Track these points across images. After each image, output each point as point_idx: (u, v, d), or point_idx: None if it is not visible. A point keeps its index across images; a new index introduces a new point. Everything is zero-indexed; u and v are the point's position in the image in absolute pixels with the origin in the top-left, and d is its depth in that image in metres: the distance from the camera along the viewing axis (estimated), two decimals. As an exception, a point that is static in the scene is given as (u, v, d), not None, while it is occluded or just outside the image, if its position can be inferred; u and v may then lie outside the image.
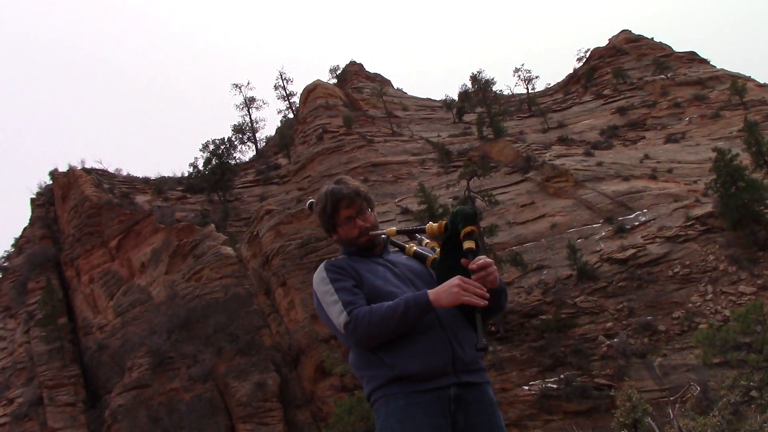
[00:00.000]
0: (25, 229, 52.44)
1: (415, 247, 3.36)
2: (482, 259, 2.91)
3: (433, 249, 3.37)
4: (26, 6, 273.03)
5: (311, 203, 3.53)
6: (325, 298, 3.00)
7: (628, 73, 66.74)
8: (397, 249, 3.43)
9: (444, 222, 3.16)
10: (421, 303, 2.84)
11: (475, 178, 39.17)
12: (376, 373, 2.95)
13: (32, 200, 54.77)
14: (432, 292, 2.85)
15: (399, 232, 3.32)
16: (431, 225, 3.22)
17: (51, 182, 54.60)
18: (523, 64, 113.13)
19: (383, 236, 3.29)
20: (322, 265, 3.15)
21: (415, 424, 2.84)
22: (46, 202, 53.84)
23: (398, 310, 2.82)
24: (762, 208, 30.99)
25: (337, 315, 2.91)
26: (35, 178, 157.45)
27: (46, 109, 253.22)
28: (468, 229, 2.99)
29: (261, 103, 77.21)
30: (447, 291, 2.83)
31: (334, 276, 3.05)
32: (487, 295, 2.84)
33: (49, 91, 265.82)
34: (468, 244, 2.97)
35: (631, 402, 11.13)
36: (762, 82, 60.47)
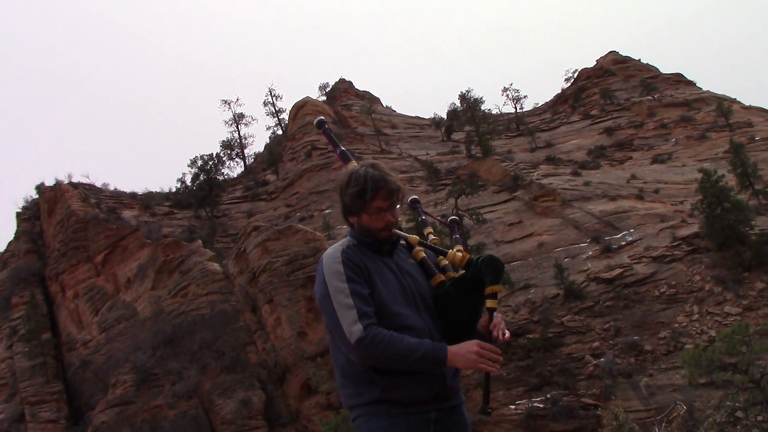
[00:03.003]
0: (10, 243, 51.97)
1: (423, 254, 3.28)
2: (500, 322, 2.96)
3: (435, 245, 3.35)
4: (12, 19, 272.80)
5: (321, 121, 3.51)
6: (337, 296, 2.91)
7: (615, 93, 67.32)
8: (404, 243, 3.33)
9: (468, 257, 3.14)
10: (438, 360, 2.85)
11: (463, 196, 39.33)
12: (362, 390, 2.96)
13: (18, 214, 54.34)
14: (450, 353, 2.85)
15: (421, 244, 3.28)
16: (454, 254, 3.20)
17: (37, 196, 54.22)
18: (511, 84, 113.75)
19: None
20: (337, 252, 3.04)
21: None
22: (31, 217, 53.42)
23: (415, 355, 2.81)
24: (747, 229, 31.18)
25: (351, 323, 2.85)
26: (21, 192, 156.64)
27: (33, 123, 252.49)
28: (496, 288, 2.99)
29: (250, 120, 77.55)
30: (465, 356, 2.84)
31: (351, 274, 2.95)
32: (501, 359, 2.88)
33: (37, 104, 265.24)
34: (491, 304, 2.98)
35: (618, 421, 11.15)
36: (747, 104, 61.09)
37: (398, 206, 3.15)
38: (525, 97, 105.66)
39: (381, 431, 2.90)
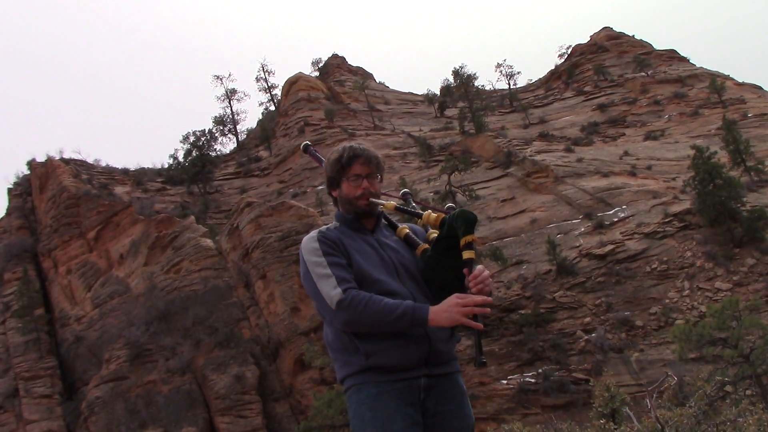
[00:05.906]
0: (1, 219, 51.78)
1: (407, 230, 3.31)
2: (481, 272, 2.92)
3: (410, 209, 3.38)
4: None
5: (306, 145, 3.60)
6: (315, 269, 2.98)
7: (608, 70, 67.11)
8: (387, 224, 3.38)
9: (442, 216, 3.15)
10: (419, 318, 2.84)
11: (456, 172, 39.35)
12: (350, 359, 2.98)
13: (9, 190, 54.07)
14: (432, 311, 2.84)
15: (397, 209, 3.29)
16: (429, 214, 3.23)
17: (28, 172, 53.93)
18: (505, 60, 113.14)
19: (379, 209, 3.27)
20: (314, 233, 3.13)
21: (387, 411, 2.88)
22: (23, 192, 53.16)
23: (395, 313, 2.82)
24: (739, 205, 31.32)
25: (331, 288, 2.90)
26: (12, 168, 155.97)
27: (23, 98, 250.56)
28: (469, 238, 2.96)
29: (242, 95, 77.19)
30: (447, 312, 2.83)
31: (327, 249, 3.03)
32: (488, 311, 2.84)
33: (27, 80, 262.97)
34: (468, 254, 2.95)
35: (610, 392, 11.29)
36: (740, 80, 61.05)
37: (378, 178, 3.23)
38: (518, 73, 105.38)
39: (369, 401, 2.91)
